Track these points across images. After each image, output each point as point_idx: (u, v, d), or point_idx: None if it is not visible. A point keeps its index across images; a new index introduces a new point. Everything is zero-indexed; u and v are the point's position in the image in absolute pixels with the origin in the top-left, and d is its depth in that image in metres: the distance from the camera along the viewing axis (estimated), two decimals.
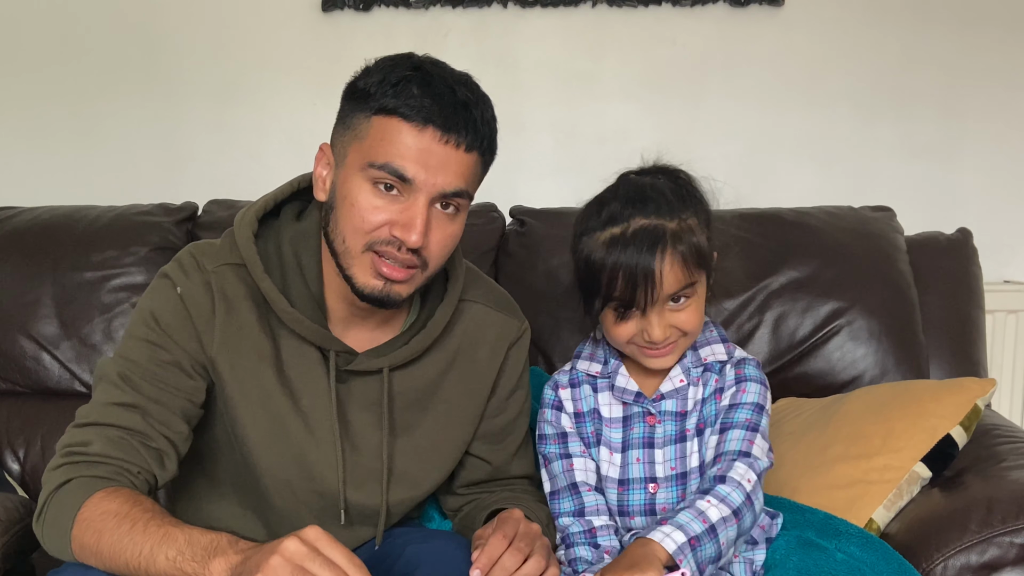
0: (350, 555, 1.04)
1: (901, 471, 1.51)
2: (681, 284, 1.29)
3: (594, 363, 1.42)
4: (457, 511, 1.47)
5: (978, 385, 1.60)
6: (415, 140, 1.17)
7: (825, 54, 2.23)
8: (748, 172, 2.25)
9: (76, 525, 1.13)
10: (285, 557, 1.00)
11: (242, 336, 1.27)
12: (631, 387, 1.38)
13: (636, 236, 1.28)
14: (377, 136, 1.18)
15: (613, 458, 1.38)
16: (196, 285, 1.27)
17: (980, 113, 2.25)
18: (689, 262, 1.29)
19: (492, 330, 1.40)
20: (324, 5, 2.21)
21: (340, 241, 1.22)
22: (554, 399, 1.42)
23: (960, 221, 2.02)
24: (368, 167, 1.18)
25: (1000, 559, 1.35)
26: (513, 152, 2.26)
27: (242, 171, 2.25)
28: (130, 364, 1.25)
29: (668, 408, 1.37)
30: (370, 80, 1.19)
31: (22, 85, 2.26)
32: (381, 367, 1.31)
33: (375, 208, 1.19)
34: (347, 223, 1.21)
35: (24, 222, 1.93)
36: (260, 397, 1.28)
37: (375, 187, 1.19)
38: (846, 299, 1.81)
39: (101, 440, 1.20)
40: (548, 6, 2.21)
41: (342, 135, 1.23)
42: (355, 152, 1.20)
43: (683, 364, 1.37)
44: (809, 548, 1.38)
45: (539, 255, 1.90)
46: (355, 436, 1.32)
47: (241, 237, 1.28)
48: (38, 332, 1.86)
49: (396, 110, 1.17)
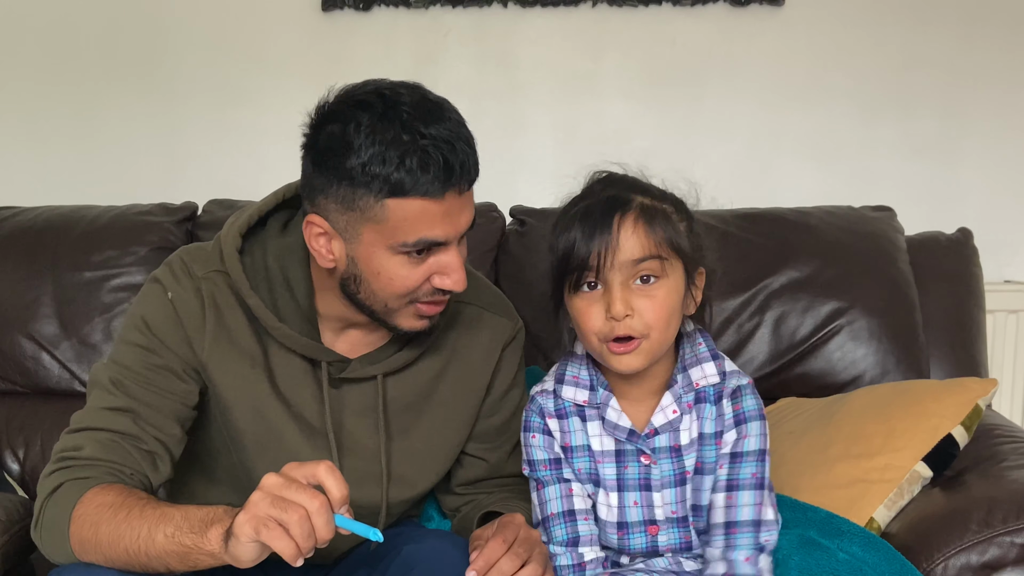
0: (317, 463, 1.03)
1: (902, 471, 1.50)
2: (644, 251, 1.21)
3: (580, 389, 1.33)
4: (456, 511, 1.47)
5: (979, 385, 1.60)
6: (438, 208, 1.16)
7: (825, 54, 2.23)
8: (748, 172, 2.25)
9: (73, 522, 1.13)
10: (264, 491, 1.01)
11: (232, 342, 1.27)
12: (623, 423, 1.30)
13: (601, 203, 1.24)
14: (399, 218, 1.15)
15: (609, 499, 1.31)
16: (187, 291, 1.27)
17: (980, 113, 2.25)
18: (655, 235, 1.22)
19: (485, 332, 1.39)
20: (324, 5, 2.21)
21: (381, 305, 1.23)
22: (541, 425, 1.34)
23: (960, 221, 2.02)
24: (400, 247, 1.17)
25: (1001, 559, 1.35)
26: (513, 152, 2.28)
27: (242, 171, 2.25)
28: (122, 369, 1.25)
29: (662, 444, 1.29)
30: (361, 159, 1.13)
31: (22, 85, 2.26)
32: (375, 374, 1.31)
33: (414, 274, 1.20)
34: (387, 292, 1.21)
35: (24, 222, 1.93)
36: (254, 403, 1.28)
37: (408, 257, 1.19)
38: (846, 299, 1.81)
39: (93, 444, 1.20)
40: (548, 6, 2.21)
41: (343, 212, 1.17)
42: (373, 232, 1.17)
43: (674, 391, 1.29)
44: (811, 548, 1.38)
45: (539, 255, 1.86)
46: (351, 441, 1.32)
47: (227, 254, 1.27)
48: (38, 332, 1.86)
49: (411, 192, 1.14)
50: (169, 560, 1.09)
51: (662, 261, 1.22)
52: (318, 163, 1.17)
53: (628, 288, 1.22)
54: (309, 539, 1.00)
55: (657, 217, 1.23)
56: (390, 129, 1.13)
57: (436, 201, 1.15)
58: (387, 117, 1.13)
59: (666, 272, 1.23)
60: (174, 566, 1.09)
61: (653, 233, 1.22)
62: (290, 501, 1.00)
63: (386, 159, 1.12)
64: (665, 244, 1.22)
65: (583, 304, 1.24)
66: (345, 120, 1.15)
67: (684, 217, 1.27)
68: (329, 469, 1.03)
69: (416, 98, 1.16)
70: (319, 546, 1.01)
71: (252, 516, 1.00)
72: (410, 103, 1.15)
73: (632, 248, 1.21)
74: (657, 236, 1.22)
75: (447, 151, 1.13)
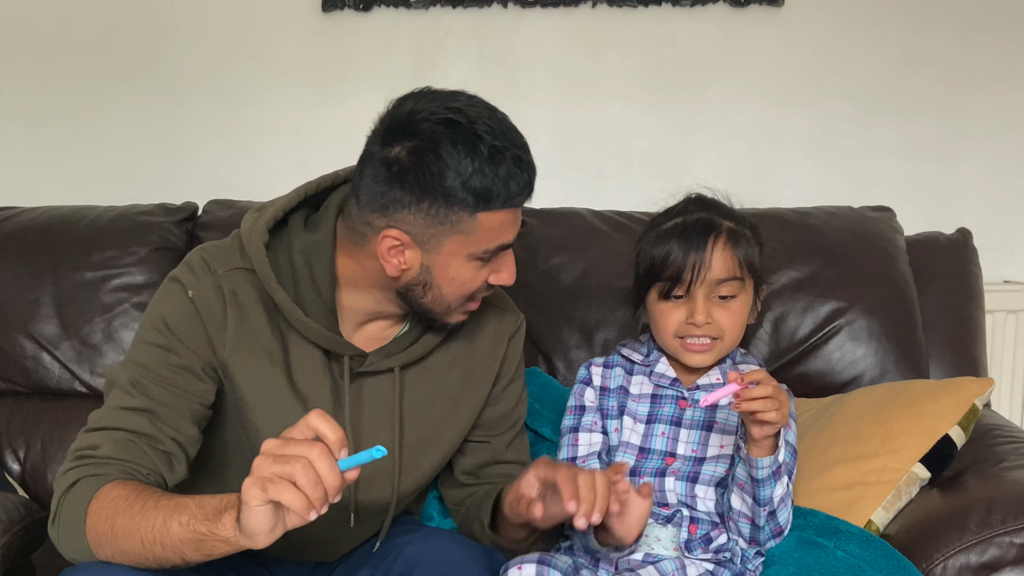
0: (317, 413, 1.04)
1: (899, 472, 1.51)
2: (729, 272, 1.40)
3: (636, 353, 1.52)
4: (459, 505, 1.48)
5: (976, 385, 1.60)
6: (516, 215, 1.26)
7: (825, 54, 2.23)
8: (748, 172, 2.25)
9: (89, 516, 1.14)
10: (264, 453, 1.02)
11: (254, 339, 1.28)
12: (669, 373, 1.48)
13: (695, 223, 1.42)
14: (487, 229, 1.22)
15: (636, 427, 1.46)
16: (207, 288, 1.28)
17: (980, 113, 2.24)
18: (738, 257, 1.41)
19: (491, 325, 1.44)
20: (324, 5, 2.21)
21: (444, 307, 1.29)
22: (585, 376, 1.52)
23: (960, 221, 2.02)
24: (481, 254, 1.25)
25: (1000, 559, 1.36)
26: None
27: (242, 171, 2.25)
28: (140, 369, 1.26)
29: (700, 398, 1.39)
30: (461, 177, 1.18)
31: (22, 85, 2.26)
32: (392, 367, 1.33)
33: (480, 275, 1.28)
34: (454, 296, 1.28)
35: (24, 222, 1.93)
36: (272, 400, 1.29)
37: (481, 262, 1.26)
38: (846, 299, 1.81)
39: (110, 443, 1.21)
40: (548, 6, 2.21)
41: (430, 226, 1.21)
42: (457, 243, 1.23)
43: (722, 367, 1.47)
44: (809, 546, 1.39)
45: (539, 255, 1.90)
46: (367, 436, 1.33)
47: (252, 248, 1.28)
48: (38, 332, 1.86)
49: (504, 204, 1.22)
50: (184, 549, 1.09)
51: (741, 281, 1.42)
52: (401, 179, 1.20)
53: (710, 300, 1.41)
54: (317, 487, 0.99)
55: (741, 241, 1.43)
56: (479, 145, 1.18)
57: (517, 209, 1.25)
58: (475, 133, 1.18)
59: (743, 290, 1.43)
60: (189, 555, 1.09)
61: (735, 257, 1.41)
62: (290, 455, 1.00)
63: (484, 175, 1.18)
64: (745, 268, 1.42)
65: (667, 308, 1.44)
66: (431, 138, 1.18)
67: (758, 241, 1.47)
68: (320, 415, 1.03)
69: (484, 111, 1.22)
70: (332, 499, 1.01)
71: (257, 478, 1.01)
72: (486, 117, 1.21)
73: (719, 268, 1.40)
74: (740, 261, 1.42)
75: (526, 161, 1.23)
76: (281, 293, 1.27)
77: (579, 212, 1.96)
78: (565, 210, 1.98)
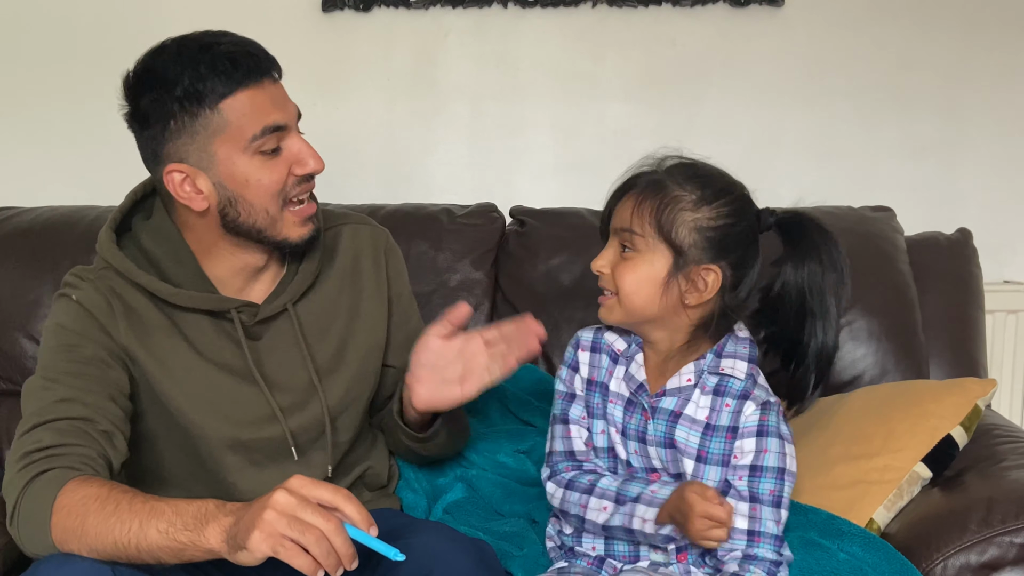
0: (335, 490, 1.07)
1: (901, 471, 1.51)
2: (624, 223, 1.33)
3: (620, 339, 1.43)
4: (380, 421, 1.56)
5: (979, 385, 1.60)
6: (264, 95, 1.29)
7: (825, 54, 2.23)
8: (748, 172, 2.22)
9: (56, 513, 1.13)
10: (278, 511, 1.03)
11: (144, 323, 1.34)
12: (638, 377, 1.40)
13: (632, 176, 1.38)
14: (237, 115, 1.27)
15: (616, 436, 1.41)
16: (88, 291, 1.34)
17: (979, 114, 2.25)
18: (642, 213, 1.32)
19: (366, 241, 1.51)
20: (324, 5, 2.21)
21: (264, 215, 1.32)
22: (572, 359, 1.45)
23: (960, 221, 2.03)
24: (250, 143, 1.28)
25: (1000, 559, 1.36)
26: (513, 152, 2.28)
27: None
28: (51, 371, 1.28)
29: (665, 406, 1.36)
30: (183, 84, 1.26)
31: (22, 85, 2.26)
32: (284, 305, 1.40)
33: (276, 171, 1.31)
34: (261, 199, 1.31)
35: (24, 222, 1.93)
36: (181, 368, 1.35)
37: (262, 156, 1.30)
38: (846, 299, 1.81)
39: (50, 434, 1.21)
40: (548, 6, 2.21)
41: (191, 142, 1.28)
42: (224, 144, 1.28)
43: (698, 364, 1.36)
44: (811, 548, 1.39)
45: (539, 255, 1.89)
46: (282, 378, 1.40)
47: (105, 249, 1.36)
48: (38, 332, 1.85)
49: (235, 86, 1.27)
50: (161, 555, 1.10)
51: (641, 237, 1.32)
52: (148, 118, 1.29)
53: (612, 251, 1.35)
54: (330, 556, 1.02)
55: (656, 197, 1.32)
56: (190, 51, 1.28)
57: (257, 88, 1.29)
58: (183, 44, 1.30)
59: (638, 246, 1.32)
60: (166, 560, 1.10)
61: (638, 211, 1.32)
62: (307, 523, 1.03)
63: (201, 71, 1.26)
64: (650, 225, 1.31)
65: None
66: (147, 70, 1.30)
67: (709, 214, 1.32)
68: (347, 498, 1.06)
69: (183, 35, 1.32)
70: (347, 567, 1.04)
71: (269, 535, 1.02)
72: (194, 33, 1.32)
73: (618, 218, 1.35)
74: (644, 215, 1.31)
75: (247, 46, 1.31)
76: (145, 276, 1.34)
77: (579, 212, 1.96)
78: (565, 210, 1.97)
